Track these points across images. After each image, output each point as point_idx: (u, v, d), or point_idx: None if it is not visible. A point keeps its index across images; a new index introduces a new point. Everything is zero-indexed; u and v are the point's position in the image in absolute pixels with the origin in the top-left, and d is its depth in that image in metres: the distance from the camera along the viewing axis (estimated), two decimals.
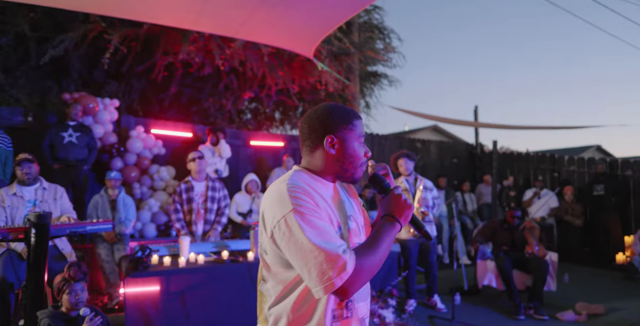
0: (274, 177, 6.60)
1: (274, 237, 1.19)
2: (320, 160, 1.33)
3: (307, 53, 5.01)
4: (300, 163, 1.39)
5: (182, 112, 7.18)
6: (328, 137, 1.30)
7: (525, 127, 8.67)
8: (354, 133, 1.33)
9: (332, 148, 1.31)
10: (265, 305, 1.30)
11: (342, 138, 1.31)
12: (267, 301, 1.29)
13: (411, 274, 4.62)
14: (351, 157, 1.33)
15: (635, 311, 4.67)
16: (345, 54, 6.60)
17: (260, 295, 1.32)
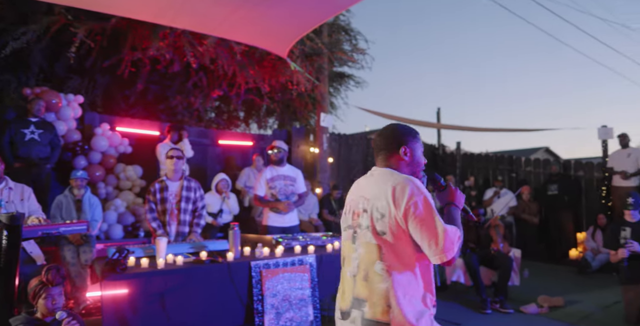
0: (244, 177, 6.54)
1: (407, 216, 1.50)
2: (396, 165, 1.69)
3: (282, 53, 5.01)
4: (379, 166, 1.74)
5: (149, 109, 6.99)
6: (402, 147, 1.68)
7: (486, 129, 9.00)
8: (418, 145, 1.75)
9: (405, 156, 1.69)
10: (382, 284, 1.52)
11: (412, 149, 1.71)
12: (386, 281, 1.52)
13: None
14: (418, 162, 1.74)
15: (591, 303, 4.98)
16: (316, 55, 6.64)
17: (375, 277, 1.54)
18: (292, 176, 4.69)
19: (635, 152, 7.40)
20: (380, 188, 1.57)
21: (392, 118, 9.09)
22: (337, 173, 8.23)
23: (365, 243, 1.58)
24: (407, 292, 1.51)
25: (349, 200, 1.77)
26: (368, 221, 1.57)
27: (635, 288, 4.25)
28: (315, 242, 4.17)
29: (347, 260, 1.70)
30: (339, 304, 1.72)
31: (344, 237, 1.77)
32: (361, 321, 1.55)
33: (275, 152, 4.61)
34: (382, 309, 1.51)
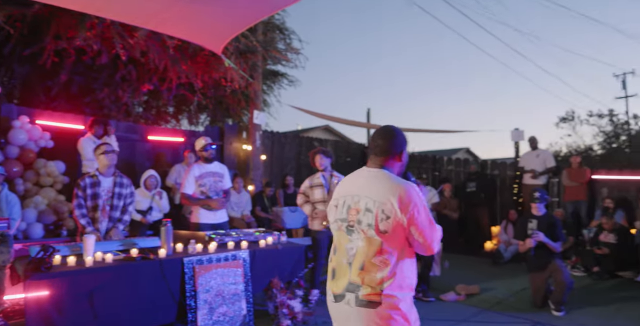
0: (175, 174, 6.42)
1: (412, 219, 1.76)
2: (391, 166, 1.92)
3: (216, 49, 4.99)
4: (369, 165, 1.94)
5: (73, 102, 6.62)
6: (401, 151, 1.93)
7: (412, 129, 9.46)
8: (406, 148, 1.98)
9: (402, 159, 1.94)
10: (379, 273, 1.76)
11: (405, 152, 1.96)
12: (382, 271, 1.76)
13: (318, 266, 4.88)
14: (406, 162, 1.99)
15: (503, 289, 5.46)
16: (250, 52, 6.64)
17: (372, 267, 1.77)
18: (221, 172, 4.71)
19: (543, 153, 8.16)
20: (387, 191, 1.78)
21: (324, 118, 9.30)
22: (269, 170, 8.29)
23: (367, 239, 1.79)
24: (398, 279, 1.77)
25: (341, 194, 1.95)
26: (372, 220, 1.77)
27: (541, 275, 4.73)
28: (248, 238, 4.23)
29: (340, 249, 1.90)
30: (331, 289, 1.91)
31: (335, 227, 1.95)
32: (355, 301, 1.77)
33: (212, 151, 4.63)
34: (375, 292, 1.75)
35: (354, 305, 1.78)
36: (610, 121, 22.71)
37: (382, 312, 1.73)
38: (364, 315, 1.76)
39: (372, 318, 1.74)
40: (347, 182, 1.99)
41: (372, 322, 1.75)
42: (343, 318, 1.86)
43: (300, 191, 5.06)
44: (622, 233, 6.26)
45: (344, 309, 1.83)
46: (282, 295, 4.10)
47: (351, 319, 1.80)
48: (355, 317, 1.78)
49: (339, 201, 1.95)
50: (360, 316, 1.76)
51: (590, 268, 6.29)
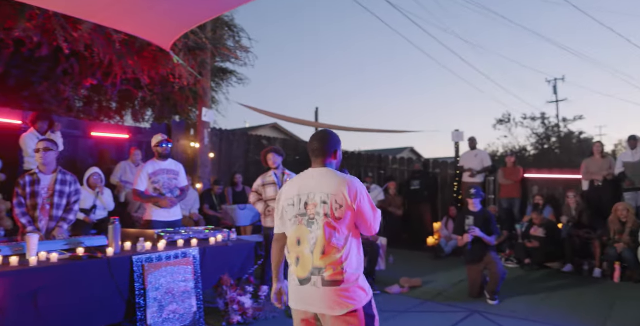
0: (121, 172, 6.26)
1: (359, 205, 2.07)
2: (331, 163, 2.23)
3: (165, 45, 4.94)
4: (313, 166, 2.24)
5: (9, 96, 6.27)
6: (336, 151, 2.24)
7: (359, 129, 9.71)
8: (340, 147, 2.29)
9: (336, 157, 2.25)
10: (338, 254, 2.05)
11: (339, 151, 2.27)
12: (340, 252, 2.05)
13: (269, 262, 4.95)
14: (340, 160, 2.31)
15: (443, 282, 5.78)
16: (199, 49, 6.58)
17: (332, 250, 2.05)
18: (175, 170, 4.68)
19: (481, 153, 8.64)
20: (337, 185, 2.09)
21: (273, 116, 9.34)
22: (218, 168, 8.24)
23: (325, 226, 2.07)
24: (353, 258, 2.09)
25: (295, 194, 2.19)
26: (328, 210, 2.07)
27: (477, 267, 5.06)
28: (198, 236, 4.24)
29: (303, 240, 2.13)
30: (296, 274, 2.14)
31: (293, 223, 2.19)
32: (322, 282, 2.04)
33: (166, 147, 4.60)
34: (339, 271, 2.04)
35: (320, 286, 2.04)
36: (543, 124, 24.24)
37: (345, 287, 2.03)
38: (330, 293, 2.03)
39: (337, 294, 2.03)
40: (297, 183, 2.24)
41: (337, 297, 2.03)
42: (308, 298, 2.09)
43: (252, 189, 5.12)
44: (551, 228, 6.78)
45: (311, 290, 2.07)
46: (232, 292, 4.15)
47: (318, 298, 2.05)
48: (321, 296, 2.04)
49: (294, 199, 2.19)
50: (327, 294, 2.03)
51: (522, 260, 6.76)
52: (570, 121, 24.01)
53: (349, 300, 2.03)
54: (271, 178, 5.05)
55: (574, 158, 21.80)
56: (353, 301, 2.04)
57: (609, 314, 4.47)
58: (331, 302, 2.03)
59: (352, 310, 2.03)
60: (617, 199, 6.84)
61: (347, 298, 2.03)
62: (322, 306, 2.06)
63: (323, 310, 2.06)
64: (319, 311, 2.09)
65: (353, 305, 2.03)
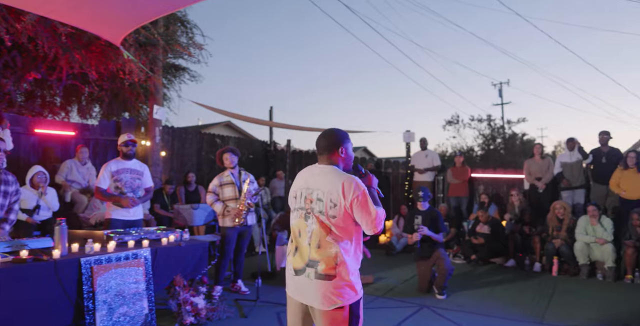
0: (66, 170, 6.00)
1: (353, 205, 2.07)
2: (336, 161, 2.24)
3: (115, 40, 4.79)
4: (319, 163, 2.27)
5: None
6: (340, 148, 2.23)
7: (313, 128, 9.76)
8: (350, 144, 2.29)
9: (342, 154, 2.24)
10: (332, 249, 2.10)
11: (346, 148, 2.26)
12: (334, 247, 2.10)
13: (224, 262, 4.93)
14: (350, 157, 2.29)
15: (394, 278, 5.94)
16: (151, 45, 6.41)
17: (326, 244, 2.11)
18: (140, 170, 4.63)
19: (431, 153, 8.93)
20: (333, 184, 2.12)
21: (227, 115, 9.23)
22: (169, 167, 8.06)
23: (320, 222, 2.13)
24: (348, 254, 2.14)
25: (298, 187, 2.28)
26: (323, 207, 2.12)
27: (426, 263, 5.24)
28: (150, 236, 4.15)
29: (302, 232, 2.21)
30: (292, 264, 2.23)
31: (295, 215, 2.28)
32: (315, 275, 2.11)
33: (132, 147, 4.57)
34: (331, 266, 2.10)
35: (313, 278, 2.12)
36: (489, 125, 25.32)
37: (336, 283, 2.09)
38: (321, 286, 2.10)
39: (327, 289, 2.09)
40: (302, 177, 2.32)
41: (327, 292, 2.09)
42: (301, 289, 2.18)
43: (209, 190, 5.07)
44: (495, 225, 7.11)
45: (304, 282, 2.16)
46: (185, 293, 4.09)
47: (309, 290, 2.13)
48: (313, 288, 2.12)
49: (297, 193, 2.29)
50: (318, 287, 2.10)
51: (469, 256, 7.05)
52: (514, 123, 25.23)
53: (337, 296, 2.08)
54: (229, 178, 5.02)
55: (517, 158, 22.93)
56: (341, 298, 2.09)
57: (548, 306, 4.76)
58: (321, 296, 2.09)
59: (339, 307, 2.09)
60: (555, 197, 7.28)
61: (336, 294, 2.08)
62: (312, 299, 2.13)
63: (312, 302, 2.13)
64: (308, 303, 2.16)
65: (341, 302, 2.09)
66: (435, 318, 4.35)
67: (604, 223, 6.17)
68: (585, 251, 6.13)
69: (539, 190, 7.47)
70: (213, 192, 5.03)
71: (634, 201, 6.34)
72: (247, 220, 5.02)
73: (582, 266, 6.16)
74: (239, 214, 4.90)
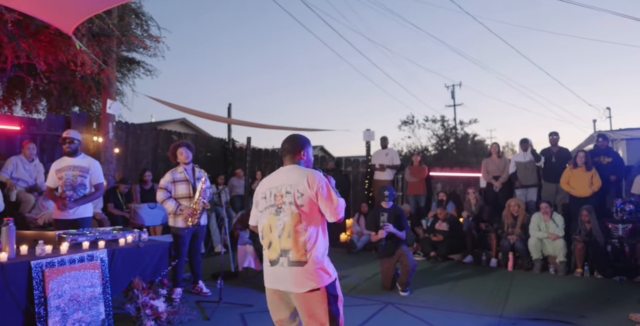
0: (11, 167, 5.59)
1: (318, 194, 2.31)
2: (298, 163, 2.50)
3: (67, 29, 4.51)
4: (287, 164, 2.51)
5: None
6: (302, 151, 2.51)
7: (275, 126, 9.63)
8: (310, 149, 2.58)
9: (303, 156, 2.52)
10: (302, 237, 2.30)
11: (307, 152, 2.55)
12: (303, 235, 2.30)
13: (180, 263, 4.72)
14: (310, 160, 2.58)
15: (357, 276, 5.94)
16: (105, 35, 6.08)
17: (297, 233, 2.31)
18: (84, 166, 4.36)
19: (391, 152, 9.02)
20: (299, 176, 2.37)
21: (184, 111, 8.94)
22: (123, 164, 7.71)
23: (290, 213, 2.33)
24: (317, 241, 2.34)
25: (267, 188, 2.47)
26: (291, 198, 2.34)
27: (390, 260, 5.27)
28: (106, 237, 3.94)
29: (272, 228, 2.37)
30: (268, 257, 2.39)
31: (265, 214, 2.43)
32: (288, 262, 2.29)
33: (69, 144, 4.34)
34: (302, 253, 2.29)
35: (287, 266, 2.30)
36: (442, 126, 25.98)
37: (309, 268, 2.28)
38: (295, 272, 2.29)
39: (301, 273, 2.28)
40: (268, 180, 2.52)
41: (302, 277, 2.28)
42: (278, 277, 2.34)
43: (160, 186, 4.80)
44: (453, 222, 7.27)
45: (279, 270, 2.33)
46: (144, 296, 3.90)
47: (284, 277, 2.31)
48: (288, 275, 2.30)
49: (266, 193, 2.47)
50: (292, 273, 2.29)
51: (428, 253, 7.17)
52: (466, 124, 26.01)
53: (311, 280, 2.27)
54: (182, 175, 4.81)
55: (469, 158, 23.68)
56: (315, 281, 2.28)
57: (506, 300, 4.90)
58: (296, 280, 2.28)
59: (315, 288, 2.28)
60: (510, 195, 7.53)
61: (309, 278, 2.27)
62: (288, 285, 2.30)
63: (289, 287, 2.31)
64: (285, 289, 2.33)
65: (315, 284, 2.27)
66: (401, 314, 4.37)
67: (555, 220, 6.44)
68: (538, 246, 6.38)
69: (495, 188, 7.70)
70: (165, 188, 4.75)
71: (582, 198, 6.64)
72: (201, 220, 4.85)
73: (535, 261, 6.40)
74: (194, 214, 4.71)
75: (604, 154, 7.11)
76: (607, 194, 6.85)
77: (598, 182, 6.61)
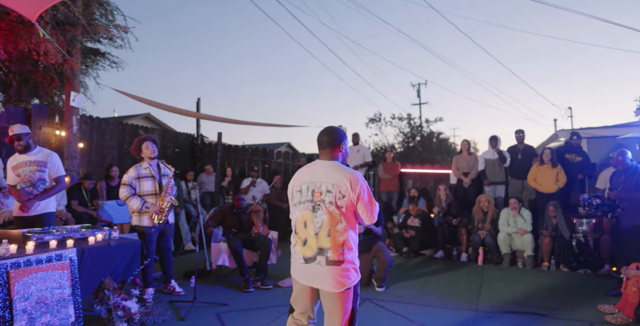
0: None
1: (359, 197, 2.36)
2: (337, 155, 2.50)
3: (31, 16, 4.26)
4: (321, 158, 2.50)
5: None
6: (342, 144, 2.49)
7: (244, 122, 9.48)
8: (347, 142, 2.55)
9: (342, 150, 2.51)
10: (341, 237, 2.35)
11: (345, 145, 2.52)
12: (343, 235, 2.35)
13: (150, 262, 4.55)
14: (347, 154, 2.59)
15: None
16: (70, 24, 5.78)
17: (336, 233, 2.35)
18: (41, 161, 4.12)
19: (362, 148, 9.04)
20: (341, 177, 2.36)
21: (151, 104, 8.65)
22: (88, 160, 7.38)
23: (329, 213, 2.35)
24: (353, 242, 2.40)
25: (303, 182, 2.47)
26: (332, 198, 2.35)
27: (367, 256, 5.26)
28: (74, 235, 3.75)
29: (308, 224, 2.40)
30: (302, 253, 2.42)
31: (301, 208, 2.45)
32: (326, 261, 2.34)
33: (18, 142, 4.14)
34: (340, 252, 2.34)
35: (324, 265, 2.34)
36: (408, 124, 26.37)
37: (344, 267, 2.35)
38: (332, 271, 2.34)
39: (337, 273, 2.34)
40: (305, 172, 2.52)
41: (337, 275, 2.34)
42: (312, 275, 2.39)
43: (124, 182, 4.54)
44: (425, 218, 7.36)
45: (315, 268, 2.37)
46: (115, 296, 3.75)
47: (321, 275, 2.35)
48: (324, 273, 2.35)
49: (302, 187, 2.47)
50: (329, 272, 2.34)
51: (400, 249, 7.23)
52: (432, 122, 26.48)
53: (346, 279, 2.35)
54: (148, 170, 4.61)
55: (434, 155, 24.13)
56: (348, 280, 2.35)
57: (479, 294, 4.99)
58: (332, 280, 2.33)
59: (348, 288, 2.36)
60: (479, 191, 7.68)
61: (345, 277, 2.34)
62: (324, 283, 2.36)
63: (324, 286, 2.36)
64: (320, 287, 2.39)
65: (349, 284, 2.36)
66: (378, 310, 4.38)
67: (523, 215, 6.61)
68: (507, 241, 6.53)
69: (464, 184, 7.84)
70: (129, 184, 4.51)
71: (548, 194, 6.84)
72: (169, 218, 4.68)
73: (504, 256, 6.56)
74: (161, 211, 4.53)
75: (575, 152, 7.33)
76: (571, 190, 7.07)
77: (563, 178, 6.82)
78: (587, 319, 4.06)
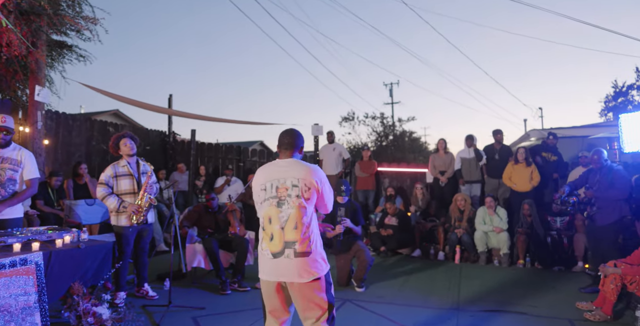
0: None
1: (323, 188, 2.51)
2: (299, 157, 2.62)
3: None
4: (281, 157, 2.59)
5: None
6: (301, 146, 2.64)
7: (218, 119, 9.26)
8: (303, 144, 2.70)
9: (301, 151, 2.65)
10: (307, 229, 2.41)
11: (303, 147, 2.68)
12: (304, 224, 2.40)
13: (124, 264, 4.35)
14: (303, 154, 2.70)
15: None
16: (35, 14, 5.47)
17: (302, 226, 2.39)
18: (15, 159, 3.83)
19: (338, 146, 8.96)
20: (305, 171, 2.48)
21: (120, 100, 8.34)
22: (54, 157, 7.05)
23: (296, 206, 2.42)
24: (316, 233, 2.47)
25: (267, 180, 2.51)
26: (299, 192, 2.43)
27: (345, 256, 5.19)
28: (40, 237, 3.53)
29: (273, 219, 2.43)
30: (269, 249, 2.42)
31: (266, 204, 2.47)
32: (294, 253, 2.37)
33: (4, 136, 3.79)
34: (307, 244, 2.40)
35: (293, 257, 2.37)
36: (381, 123, 26.51)
37: (312, 258, 2.40)
38: (301, 263, 2.38)
39: (306, 264, 2.38)
40: (268, 170, 2.57)
41: (306, 266, 2.38)
42: (280, 269, 2.39)
43: (101, 181, 4.37)
44: (402, 217, 7.34)
45: (284, 262, 2.38)
46: (85, 302, 3.54)
47: (289, 268, 2.37)
48: (294, 266, 2.37)
49: (266, 185, 2.51)
50: (298, 264, 2.38)
51: (378, 248, 7.19)
52: (404, 121, 26.71)
53: (315, 269, 2.39)
54: (126, 168, 4.43)
55: (406, 154, 24.34)
56: (317, 270, 2.40)
57: (459, 292, 4.98)
58: (301, 271, 2.36)
59: (317, 278, 2.39)
60: (455, 190, 7.72)
61: (313, 267, 2.39)
62: (293, 275, 2.37)
63: (293, 278, 2.37)
64: (289, 280, 2.39)
65: (318, 273, 2.40)
66: (359, 311, 4.31)
67: (499, 213, 6.67)
68: (483, 239, 6.58)
69: (440, 183, 7.87)
70: (106, 183, 4.34)
71: (523, 193, 6.92)
72: (148, 218, 4.49)
73: (481, 254, 6.60)
74: (139, 211, 4.34)
75: (552, 152, 7.45)
76: (545, 189, 7.18)
77: (537, 177, 6.91)
78: (566, 317, 4.09)
